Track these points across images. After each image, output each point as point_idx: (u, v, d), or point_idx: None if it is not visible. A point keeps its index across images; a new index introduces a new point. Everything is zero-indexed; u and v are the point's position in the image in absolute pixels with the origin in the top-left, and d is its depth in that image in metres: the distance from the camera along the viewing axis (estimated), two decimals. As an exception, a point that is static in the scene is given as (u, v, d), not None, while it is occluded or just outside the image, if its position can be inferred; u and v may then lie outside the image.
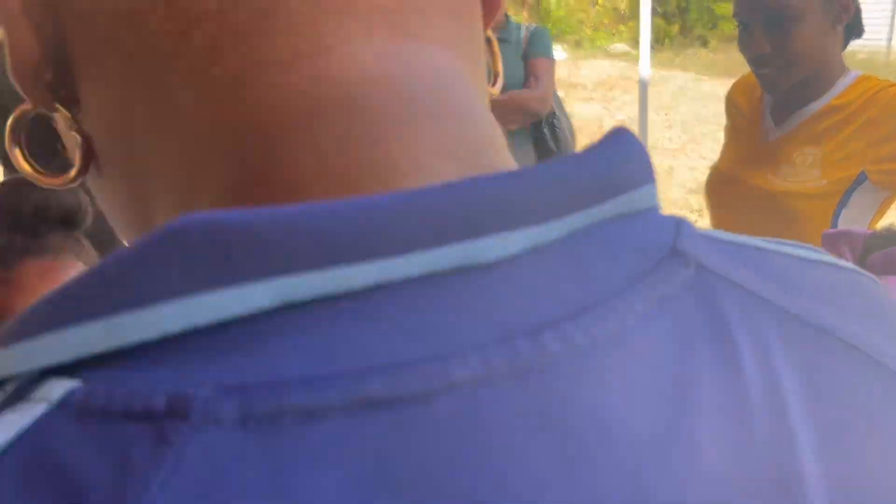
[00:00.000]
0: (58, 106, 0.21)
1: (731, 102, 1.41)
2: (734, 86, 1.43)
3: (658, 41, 7.48)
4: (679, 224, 0.20)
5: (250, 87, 0.18)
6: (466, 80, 0.20)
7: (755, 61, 1.26)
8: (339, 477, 0.15)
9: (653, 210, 0.20)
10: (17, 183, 0.80)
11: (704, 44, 7.27)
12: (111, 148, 0.21)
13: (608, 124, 5.45)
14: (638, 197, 0.20)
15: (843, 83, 1.25)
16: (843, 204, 1.15)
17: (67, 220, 0.79)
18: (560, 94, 2.44)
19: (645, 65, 2.41)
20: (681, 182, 4.15)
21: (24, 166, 0.24)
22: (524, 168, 0.18)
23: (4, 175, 1.93)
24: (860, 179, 1.18)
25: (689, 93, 5.89)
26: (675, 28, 7.52)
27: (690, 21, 7.53)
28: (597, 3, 7.34)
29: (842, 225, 1.15)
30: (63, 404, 0.16)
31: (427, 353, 0.16)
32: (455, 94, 0.20)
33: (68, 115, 0.21)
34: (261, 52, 0.18)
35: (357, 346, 0.16)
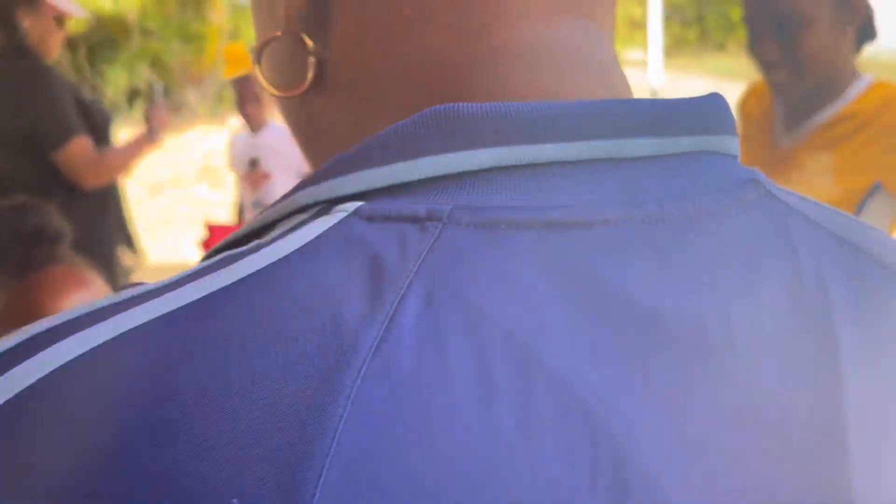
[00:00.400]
0: (303, 34, 0.28)
1: (742, 109, 1.38)
2: (745, 93, 1.39)
3: (675, 47, 7.43)
4: (754, 170, 0.29)
5: (488, 36, 0.27)
6: (610, 48, 0.29)
7: (765, 66, 1.23)
8: (530, 261, 0.23)
9: (737, 158, 0.29)
10: (17, 206, 0.91)
11: (722, 49, 7.21)
12: (350, 75, 0.29)
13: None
14: (730, 143, 0.28)
15: (856, 89, 1.21)
16: (857, 213, 1.11)
17: (59, 238, 0.88)
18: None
19: (656, 73, 2.37)
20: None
21: (264, 81, 0.30)
22: (662, 98, 0.27)
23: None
24: (875, 188, 1.13)
25: (706, 99, 5.82)
26: (692, 34, 7.47)
27: (707, 26, 7.47)
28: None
29: (856, 236, 1.11)
30: (356, 212, 0.24)
31: (588, 200, 0.24)
32: (606, 57, 0.29)
33: (310, 42, 0.29)
34: (495, 13, 0.27)
35: (543, 192, 0.24)
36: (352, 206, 0.25)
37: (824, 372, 0.26)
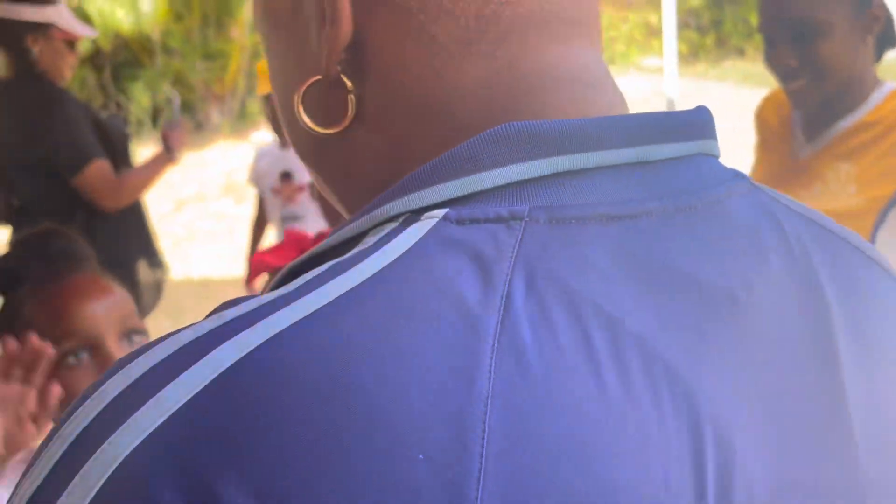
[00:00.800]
0: (342, 76, 0.31)
1: (760, 118, 1.37)
2: (763, 101, 1.39)
3: (692, 54, 7.38)
4: (735, 168, 0.35)
5: (519, 64, 0.31)
6: (604, 64, 0.34)
7: (783, 76, 1.22)
8: (599, 248, 0.28)
9: (719, 157, 0.35)
10: (43, 233, 0.97)
11: (741, 54, 7.15)
12: (387, 106, 0.32)
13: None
14: (715, 145, 0.34)
15: (877, 97, 1.20)
16: (879, 223, 1.10)
17: (83, 261, 0.96)
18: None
19: (672, 81, 2.37)
20: (720, 196, 4.02)
21: (306, 120, 0.33)
22: (668, 111, 0.33)
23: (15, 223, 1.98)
24: (897, 197, 1.12)
25: (726, 105, 5.79)
26: (710, 40, 7.42)
27: (725, 32, 7.42)
28: (628, 20, 7.28)
29: (878, 245, 1.10)
30: (445, 218, 0.28)
31: (631, 196, 0.30)
32: (607, 75, 0.34)
33: (349, 84, 0.31)
34: (521, 44, 0.31)
35: (596, 192, 0.29)
36: (439, 212, 0.28)
37: (820, 317, 0.33)
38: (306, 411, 0.24)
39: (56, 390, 0.82)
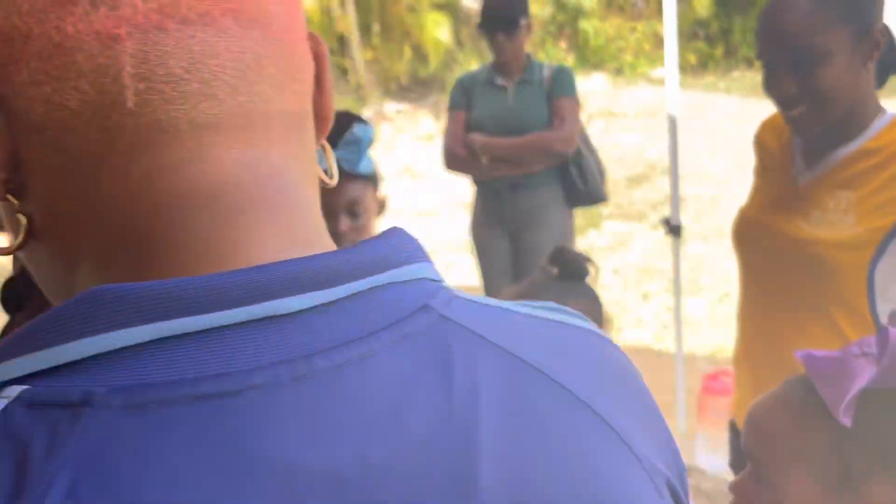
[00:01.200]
0: (8, 196, 0.31)
1: (760, 142, 1.35)
2: (762, 125, 1.36)
3: (702, 64, 7.35)
4: (437, 290, 0.31)
5: (153, 182, 0.29)
6: (298, 175, 0.31)
7: (782, 104, 1.20)
8: (175, 438, 0.26)
9: (423, 280, 0.31)
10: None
11: (750, 65, 7.10)
12: (50, 227, 0.31)
13: (650, 153, 5.33)
14: (408, 271, 0.31)
15: (878, 124, 1.18)
16: (879, 254, 1.08)
17: None
18: (601, 124, 2.39)
19: (672, 98, 2.35)
20: (728, 210, 4.00)
21: None
22: (323, 253, 0.29)
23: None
24: (897, 228, 1.10)
25: (735, 117, 5.74)
26: (719, 51, 7.37)
27: (734, 43, 7.38)
28: (636, 30, 7.25)
29: (878, 278, 1.07)
30: (18, 398, 0.26)
31: (241, 367, 0.27)
32: (288, 189, 0.30)
33: (16, 202, 0.31)
34: (162, 158, 0.29)
35: (197, 363, 0.26)
36: (15, 390, 0.26)
37: (462, 476, 0.28)
38: None
39: None
